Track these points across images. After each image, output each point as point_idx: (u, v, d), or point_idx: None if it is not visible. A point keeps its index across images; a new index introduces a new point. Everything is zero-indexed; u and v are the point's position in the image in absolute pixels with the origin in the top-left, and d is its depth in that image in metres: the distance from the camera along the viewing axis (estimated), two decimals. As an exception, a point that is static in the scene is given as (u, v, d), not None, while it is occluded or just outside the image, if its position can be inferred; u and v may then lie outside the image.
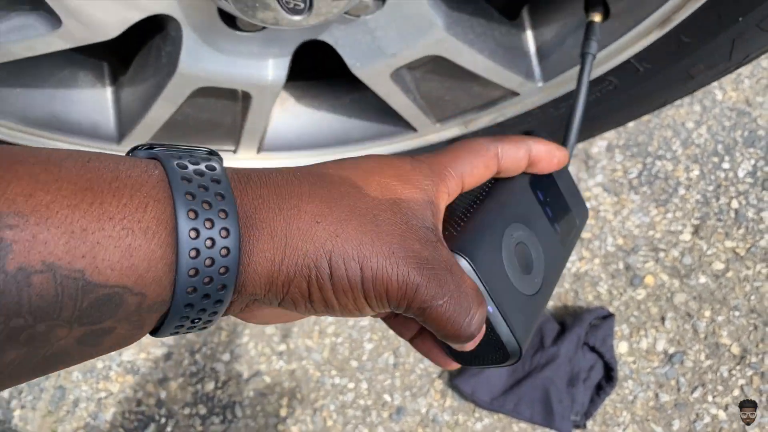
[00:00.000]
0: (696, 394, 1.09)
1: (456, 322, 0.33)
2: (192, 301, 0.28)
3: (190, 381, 1.15)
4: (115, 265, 0.25)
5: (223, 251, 0.28)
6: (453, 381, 1.09)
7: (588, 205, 1.23)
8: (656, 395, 1.10)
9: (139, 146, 0.31)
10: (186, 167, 0.29)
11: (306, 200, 0.31)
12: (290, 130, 0.95)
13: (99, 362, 1.16)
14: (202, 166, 0.29)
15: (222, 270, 0.28)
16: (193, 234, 0.27)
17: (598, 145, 1.26)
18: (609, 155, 1.26)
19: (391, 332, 1.16)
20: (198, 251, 0.27)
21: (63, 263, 0.24)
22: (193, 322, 0.30)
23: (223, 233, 0.28)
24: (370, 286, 0.31)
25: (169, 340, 1.17)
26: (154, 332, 0.30)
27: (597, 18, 0.72)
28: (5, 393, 1.14)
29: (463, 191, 0.39)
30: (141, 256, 0.26)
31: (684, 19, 0.71)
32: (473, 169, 0.38)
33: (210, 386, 1.15)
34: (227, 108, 0.84)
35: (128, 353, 1.17)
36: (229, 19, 0.67)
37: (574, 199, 0.50)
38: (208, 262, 0.27)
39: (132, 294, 0.26)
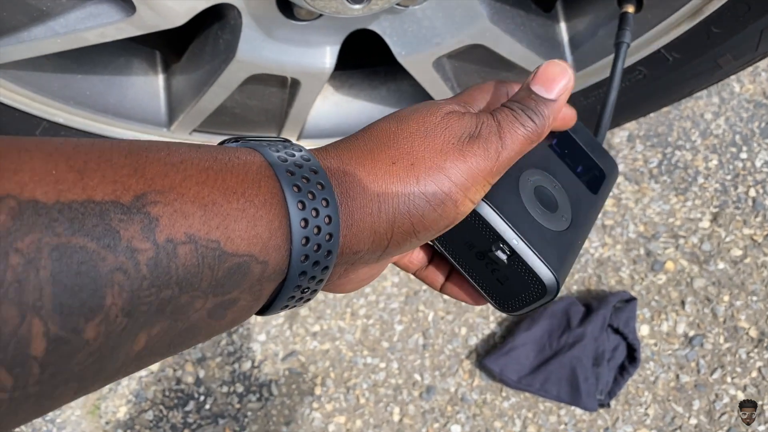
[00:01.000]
0: (715, 376, 1.13)
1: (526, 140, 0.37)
2: (305, 268, 0.30)
3: (228, 360, 1.20)
4: (244, 234, 0.27)
5: (326, 219, 0.30)
6: (481, 361, 1.13)
7: (610, 193, 1.27)
8: (677, 376, 1.14)
9: (226, 140, 0.34)
10: (279, 150, 0.32)
11: (378, 150, 0.34)
12: (329, 119, 0.99)
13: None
14: (290, 149, 0.32)
15: (327, 237, 0.30)
16: (300, 206, 0.29)
17: (620, 135, 1.30)
18: (630, 145, 1.30)
19: (420, 314, 1.20)
20: (306, 221, 0.29)
21: (201, 234, 0.26)
22: (302, 291, 0.32)
23: (324, 203, 0.30)
24: (457, 196, 0.34)
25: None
26: (267, 308, 0.32)
27: (631, 9, 0.76)
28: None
29: None
30: (263, 225, 0.28)
31: (715, 10, 0.75)
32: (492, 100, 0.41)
33: (247, 365, 1.19)
34: (274, 95, 0.88)
35: (168, 333, 1.21)
36: (285, 8, 0.71)
37: (597, 153, 0.50)
38: (315, 230, 0.30)
39: (257, 262, 0.28)
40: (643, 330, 1.18)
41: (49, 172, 0.23)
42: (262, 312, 0.33)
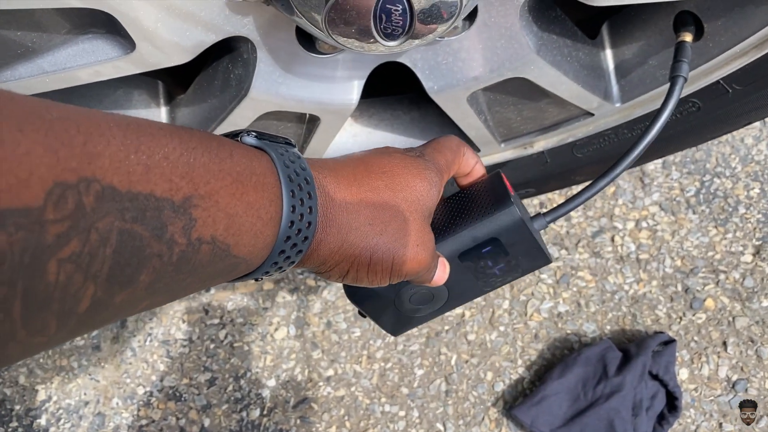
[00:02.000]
0: (762, 424, 1.05)
1: (438, 280, 0.49)
2: (269, 270, 0.38)
3: (235, 408, 1.11)
4: (247, 243, 0.34)
5: (303, 238, 0.38)
6: (510, 410, 1.05)
7: (644, 224, 1.19)
8: (720, 425, 1.06)
9: (243, 131, 0.38)
10: (288, 165, 0.37)
11: (364, 205, 0.41)
12: (347, 150, 0.90)
13: (140, 388, 1.12)
14: (298, 165, 0.38)
15: (297, 252, 0.38)
16: (290, 225, 0.36)
17: (654, 162, 1.22)
18: (665, 172, 1.22)
19: (443, 357, 1.11)
20: (289, 237, 0.37)
21: (221, 238, 0.31)
22: (266, 273, 0.39)
23: (306, 225, 0.37)
24: (398, 268, 0.43)
25: (213, 364, 1.13)
26: (247, 275, 0.38)
27: (689, 38, 0.68)
28: (43, 420, 1.10)
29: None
30: (261, 239, 0.35)
31: (788, 40, 0.66)
32: (458, 167, 0.52)
33: (255, 414, 1.10)
34: (289, 130, 0.80)
35: (170, 379, 1.12)
36: (306, 41, 0.63)
37: (526, 249, 0.54)
38: (292, 246, 0.37)
39: (245, 263, 0.35)
40: (682, 374, 1.09)
41: (122, 161, 0.26)
42: (244, 277, 0.39)
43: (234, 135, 0.38)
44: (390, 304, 0.55)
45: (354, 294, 0.54)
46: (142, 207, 0.26)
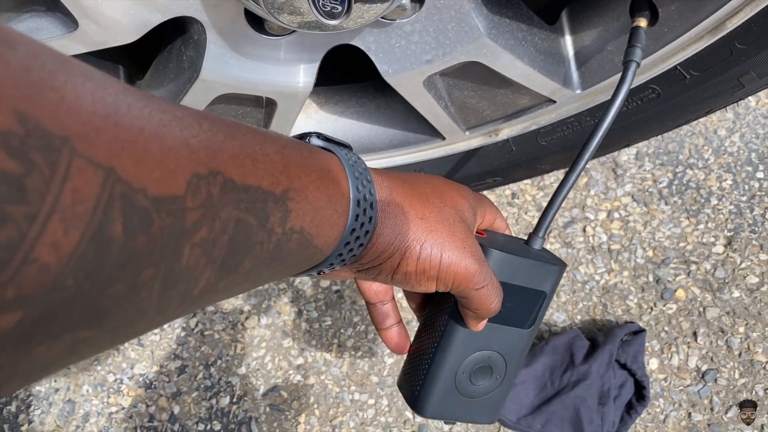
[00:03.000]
0: (730, 414, 1.05)
1: (491, 302, 0.47)
2: (334, 261, 0.40)
3: (205, 395, 1.11)
4: (325, 234, 0.36)
5: (364, 233, 0.40)
6: (478, 398, 1.05)
7: (617, 215, 1.19)
8: (689, 414, 1.06)
9: (310, 134, 0.42)
10: (356, 176, 0.39)
11: (416, 204, 0.44)
12: (312, 138, 0.90)
13: (110, 375, 1.12)
14: (365, 176, 0.40)
15: (359, 246, 0.40)
16: (356, 218, 0.38)
17: (627, 153, 1.22)
18: (638, 163, 1.22)
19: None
20: (354, 230, 0.39)
21: (306, 229, 0.34)
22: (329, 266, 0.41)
23: (368, 219, 0.40)
24: (445, 268, 0.44)
25: (184, 352, 1.13)
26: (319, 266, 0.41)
27: (643, 23, 0.68)
28: (13, 407, 1.10)
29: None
30: (336, 230, 0.37)
31: (740, 24, 0.66)
32: (490, 216, 0.54)
33: (225, 401, 1.11)
34: (249, 115, 0.80)
35: (140, 366, 1.13)
36: (256, 22, 0.63)
37: (535, 277, 0.53)
38: (356, 239, 0.39)
39: (321, 254, 0.37)
40: (652, 364, 1.09)
41: (236, 156, 0.28)
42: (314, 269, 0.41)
43: (301, 137, 0.41)
44: (453, 394, 0.53)
45: (417, 401, 0.54)
46: (253, 198, 0.29)
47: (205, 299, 0.29)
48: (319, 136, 0.42)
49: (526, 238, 0.56)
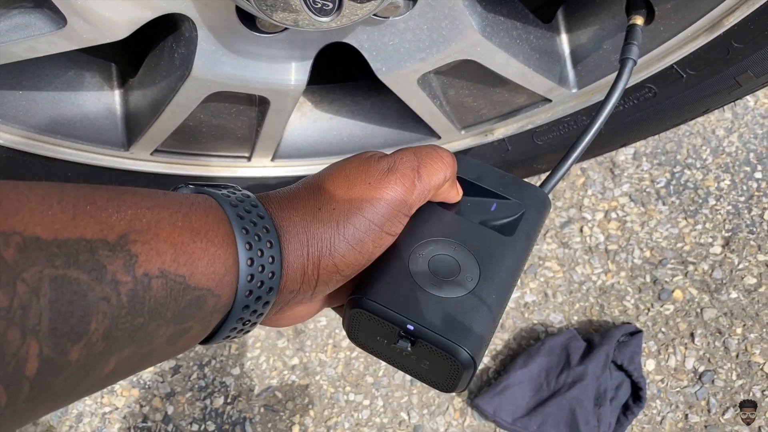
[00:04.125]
0: (727, 416, 1.04)
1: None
2: (248, 302, 0.34)
3: (199, 396, 1.10)
4: (205, 270, 0.31)
5: (270, 259, 0.34)
6: (474, 400, 1.04)
7: (614, 215, 1.18)
8: (686, 416, 1.05)
9: (179, 186, 0.37)
10: (229, 195, 0.35)
11: (308, 197, 0.38)
12: (307, 137, 0.90)
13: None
14: (240, 195, 0.36)
15: (270, 275, 0.34)
16: (248, 246, 0.33)
17: (625, 152, 1.21)
18: (636, 163, 1.21)
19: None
20: (252, 260, 0.33)
21: (172, 269, 0.29)
22: (244, 324, 0.36)
23: (268, 245, 0.34)
24: (374, 234, 0.38)
25: (177, 353, 1.13)
26: (210, 338, 0.35)
27: (639, 21, 0.68)
28: (5, 407, 1.09)
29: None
30: (220, 263, 0.32)
31: (737, 23, 0.66)
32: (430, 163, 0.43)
33: (219, 401, 1.10)
34: (242, 113, 0.79)
35: (134, 366, 1.12)
36: (248, 20, 0.62)
37: (512, 189, 0.48)
38: (260, 268, 0.34)
39: (212, 296, 0.32)
40: (649, 365, 1.09)
41: (45, 212, 0.26)
42: (205, 341, 0.36)
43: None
44: (405, 277, 0.41)
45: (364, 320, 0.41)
46: (73, 252, 0.26)
47: (67, 380, 0.26)
48: (191, 185, 0.37)
49: None
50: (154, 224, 0.30)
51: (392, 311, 0.39)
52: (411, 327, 0.39)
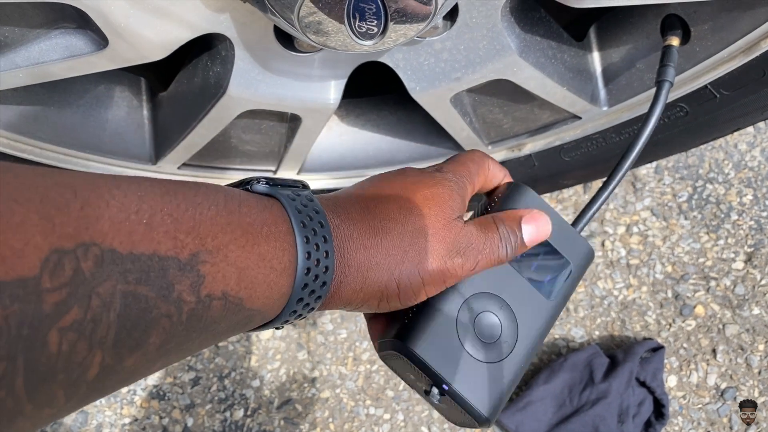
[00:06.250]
0: (750, 433, 1.04)
1: (496, 261, 0.42)
2: (287, 318, 0.36)
3: (218, 408, 1.10)
4: (261, 295, 0.32)
5: (324, 269, 0.36)
6: (495, 415, 1.04)
7: (635, 229, 1.18)
8: (708, 433, 1.05)
9: (252, 179, 0.37)
10: (301, 210, 0.36)
11: (379, 238, 0.39)
12: (333, 150, 0.90)
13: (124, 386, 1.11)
14: (311, 211, 0.36)
15: (316, 299, 0.36)
16: (306, 271, 0.35)
17: (647, 166, 1.21)
18: (657, 177, 1.21)
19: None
20: (306, 285, 0.35)
21: (232, 293, 0.30)
22: (277, 328, 0.38)
23: (324, 254, 0.35)
24: (430, 287, 0.40)
25: (198, 364, 1.12)
26: (266, 326, 0.37)
27: (675, 42, 0.67)
28: (25, 417, 1.09)
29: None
30: (277, 290, 0.33)
31: (776, 45, 0.65)
32: (483, 178, 0.47)
33: (239, 414, 1.10)
34: (272, 129, 0.79)
35: (154, 378, 1.12)
36: (285, 39, 0.62)
37: (564, 239, 0.48)
38: (316, 279, 0.35)
39: (260, 315, 0.33)
40: (671, 381, 1.08)
41: (123, 222, 0.26)
42: (263, 327, 0.38)
43: (245, 183, 0.37)
44: (450, 335, 0.43)
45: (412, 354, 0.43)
46: (145, 268, 0.26)
47: (114, 381, 0.27)
48: (261, 180, 0.37)
49: None
50: (224, 245, 0.30)
51: (432, 367, 0.42)
52: (446, 387, 0.42)
